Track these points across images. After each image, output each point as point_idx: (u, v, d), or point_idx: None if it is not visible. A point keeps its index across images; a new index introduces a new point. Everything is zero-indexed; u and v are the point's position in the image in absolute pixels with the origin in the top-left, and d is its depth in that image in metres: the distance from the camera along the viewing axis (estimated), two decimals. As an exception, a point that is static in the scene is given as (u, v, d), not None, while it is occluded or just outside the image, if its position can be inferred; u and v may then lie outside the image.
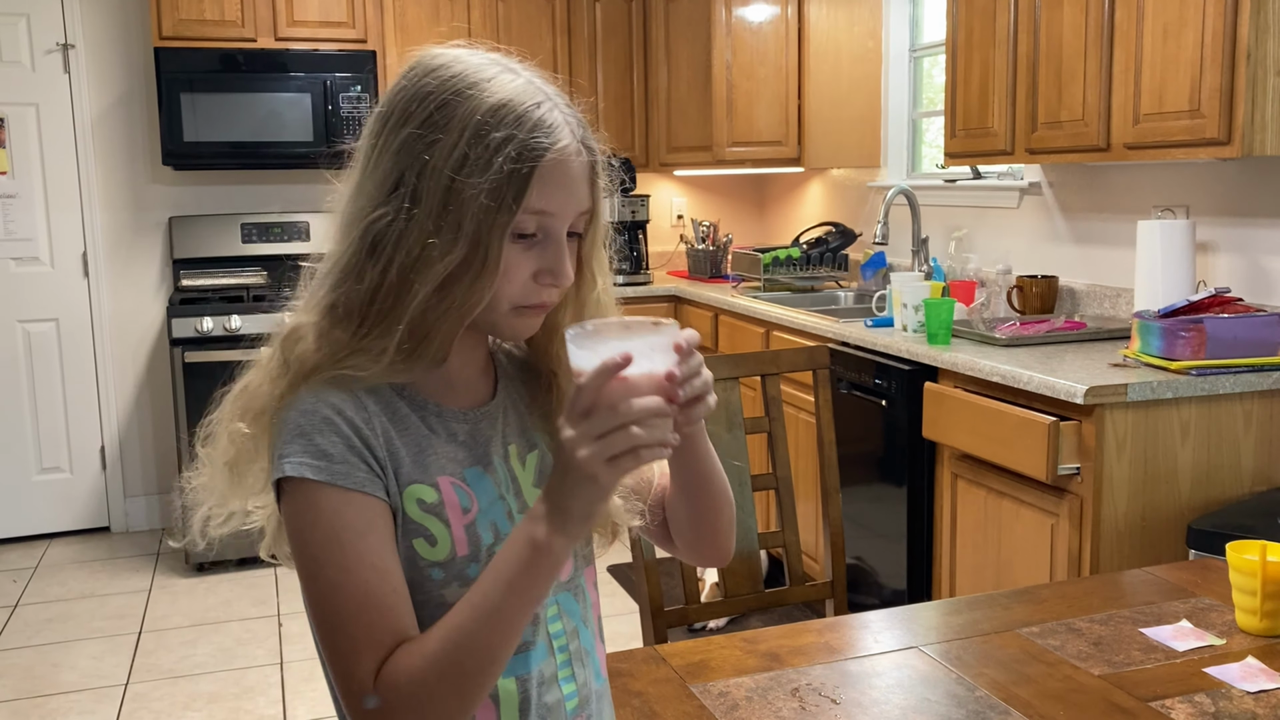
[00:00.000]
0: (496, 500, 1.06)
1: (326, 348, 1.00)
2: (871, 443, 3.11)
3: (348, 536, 0.96)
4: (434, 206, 0.97)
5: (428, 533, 1.00)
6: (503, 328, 1.05)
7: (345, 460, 0.97)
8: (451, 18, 4.60)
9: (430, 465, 1.02)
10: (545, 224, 1.00)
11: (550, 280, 1.02)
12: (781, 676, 1.38)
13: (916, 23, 4.27)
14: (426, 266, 0.97)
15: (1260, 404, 2.40)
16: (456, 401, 1.08)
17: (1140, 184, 3.07)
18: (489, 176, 0.96)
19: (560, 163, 0.99)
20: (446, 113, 0.98)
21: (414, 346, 1.00)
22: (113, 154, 4.58)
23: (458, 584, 1.01)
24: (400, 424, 1.02)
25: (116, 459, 4.70)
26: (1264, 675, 1.35)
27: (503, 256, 0.98)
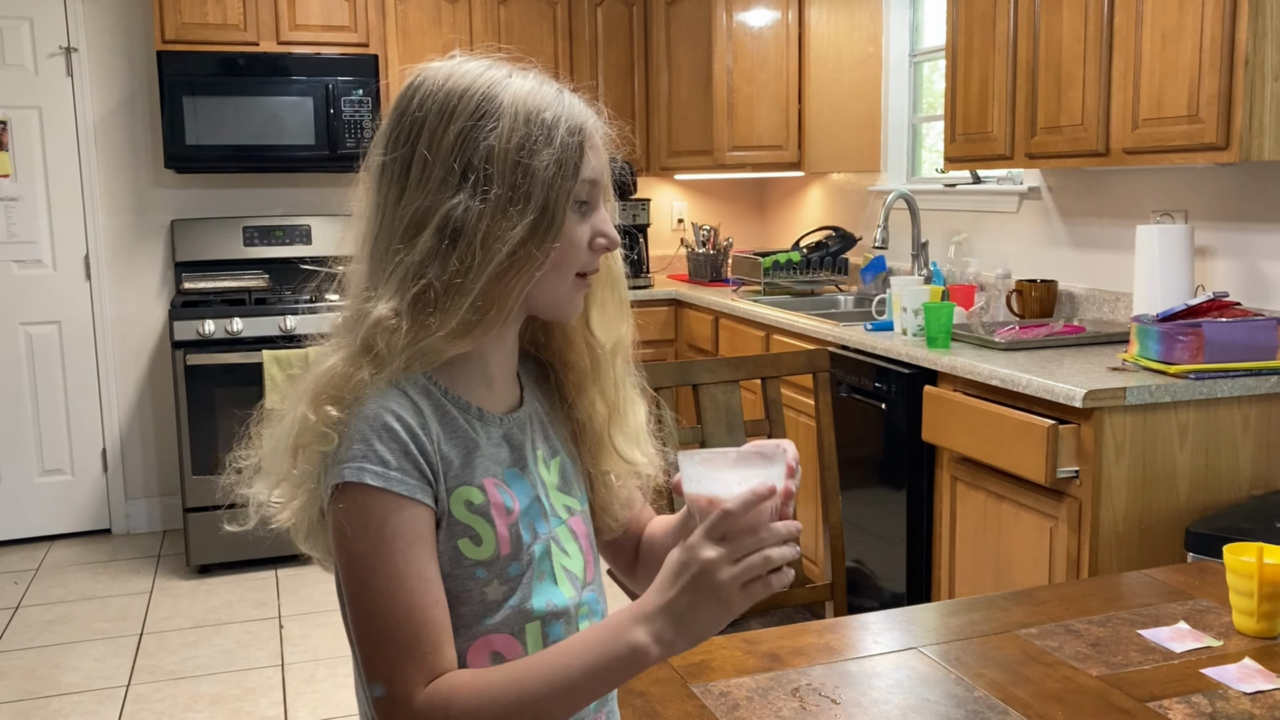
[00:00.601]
0: (534, 501, 1.11)
1: (414, 334, 1.04)
2: (871, 446, 3.13)
3: (398, 545, 0.99)
4: (506, 184, 1.04)
5: (474, 533, 1.05)
6: (568, 301, 1.11)
7: (401, 468, 1.01)
8: (453, 22, 4.62)
9: (476, 467, 1.07)
10: (593, 193, 1.10)
11: (605, 243, 1.10)
12: (782, 677, 1.39)
13: (916, 28, 4.29)
14: (501, 236, 1.03)
15: (1258, 408, 2.41)
16: (494, 405, 1.13)
17: (1139, 189, 3.09)
18: (554, 150, 1.04)
19: (595, 135, 1.09)
20: (492, 103, 1.05)
21: (486, 306, 1.04)
22: (115, 157, 4.60)
23: (499, 582, 1.06)
24: (450, 426, 1.07)
25: (118, 461, 4.71)
26: (1261, 676, 1.36)
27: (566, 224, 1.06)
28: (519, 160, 1.04)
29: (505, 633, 1.07)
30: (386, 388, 1.04)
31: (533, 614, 1.08)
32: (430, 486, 1.03)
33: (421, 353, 1.04)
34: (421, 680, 0.97)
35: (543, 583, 1.10)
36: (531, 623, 1.08)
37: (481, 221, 1.03)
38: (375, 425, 1.01)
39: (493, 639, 1.06)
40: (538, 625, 1.08)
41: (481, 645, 1.06)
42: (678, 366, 2.15)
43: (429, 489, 1.03)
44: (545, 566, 1.11)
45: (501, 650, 1.06)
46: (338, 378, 1.04)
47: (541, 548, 1.11)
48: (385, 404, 1.03)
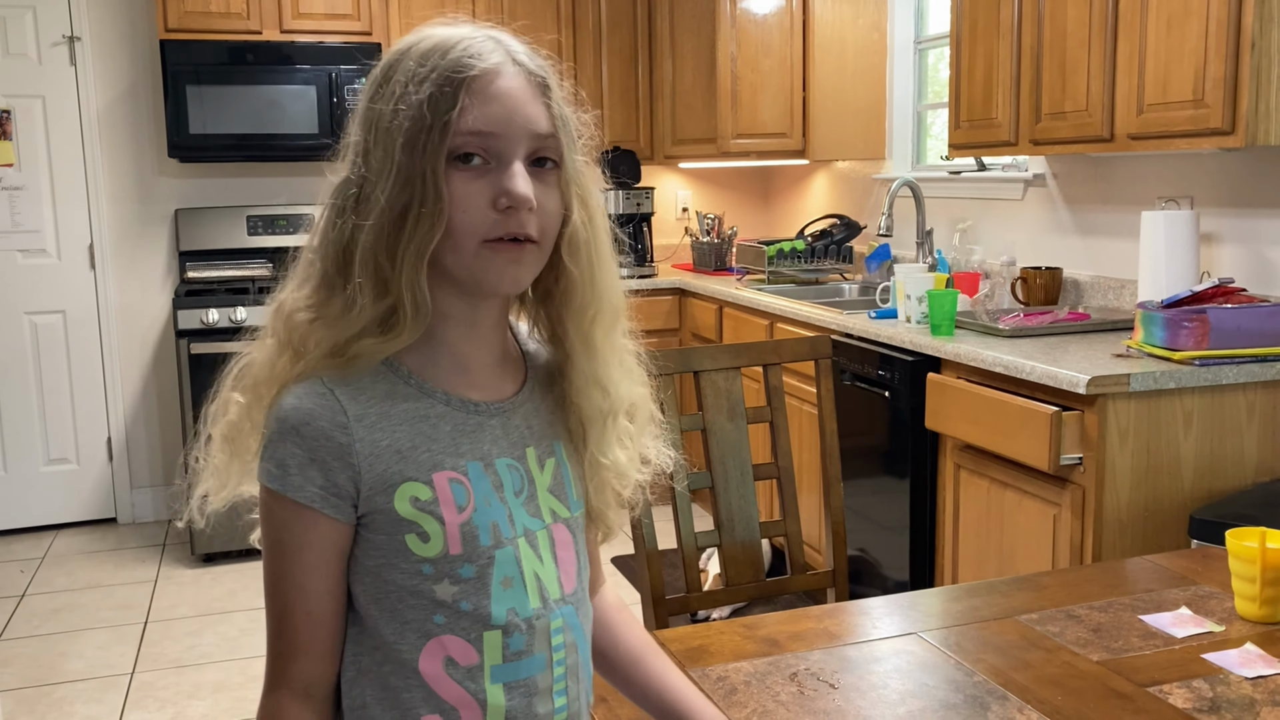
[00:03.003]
0: (496, 501, 1.04)
1: (322, 318, 1.01)
2: (875, 434, 3.12)
3: (285, 549, 1.00)
4: (377, 153, 0.98)
5: (420, 529, 1.00)
6: (483, 272, 1.00)
7: (302, 472, 0.97)
8: (456, 9, 4.60)
9: (426, 460, 1.01)
10: (490, 146, 0.98)
11: (506, 201, 0.97)
12: (780, 661, 1.38)
13: (921, 14, 4.26)
14: (375, 206, 0.97)
15: (1263, 394, 2.40)
16: (473, 391, 1.06)
17: (1144, 175, 3.07)
18: (413, 104, 0.96)
19: (490, 79, 0.98)
20: (391, 70, 1.00)
21: (390, 299, 0.98)
22: (119, 146, 4.59)
23: (449, 582, 1.01)
24: (397, 418, 1.01)
25: (123, 450, 4.71)
26: (1262, 661, 1.35)
27: (449, 185, 0.97)
28: (389, 123, 0.98)
29: (460, 637, 1.01)
30: (303, 381, 1.00)
31: (490, 621, 1.02)
32: (339, 493, 0.98)
33: (345, 352, 0.99)
34: (277, 682, 1.01)
35: (508, 590, 1.03)
36: (490, 631, 1.02)
37: (360, 195, 0.99)
38: (282, 425, 0.98)
39: (446, 641, 1.01)
40: (498, 635, 1.02)
41: (434, 648, 1.01)
42: (679, 353, 2.14)
43: (335, 496, 0.98)
44: (510, 571, 1.03)
45: (455, 656, 1.01)
46: (253, 367, 1.03)
47: (506, 551, 1.03)
48: (296, 402, 0.99)
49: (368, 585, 1.01)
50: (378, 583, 1.01)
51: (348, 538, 1.01)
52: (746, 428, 2.13)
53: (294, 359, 1.01)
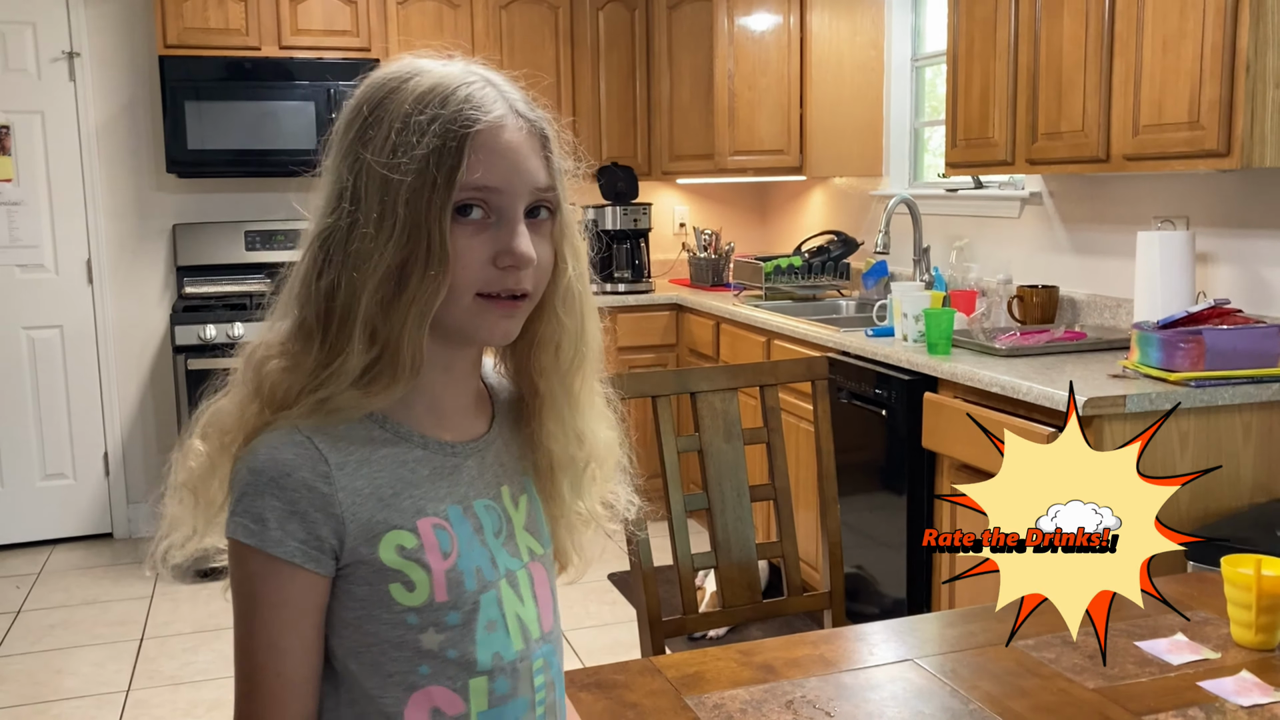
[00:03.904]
0: (477, 545, 1.02)
1: (297, 368, 0.97)
2: (872, 452, 3.12)
3: (260, 606, 0.96)
4: (372, 202, 0.94)
5: (406, 578, 0.97)
6: (474, 326, 0.99)
7: (281, 526, 0.94)
8: (455, 26, 4.62)
9: (409, 507, 0.99)
10: (493, 201, 0.96)
11: (509, 261, 0.96)
12: (776, 688, 1.38)
13: (919, 32, 4.28)
14: (367, 260, 0.94)
15: (1259, 416, 2.40)
16: (447, 433, 1.04)
17: (1140, 195, 3.08)
18: (416, 156, 0.93)
19: (494, 134, 0.96)
20: (380, 110, 0.96)
21: (383, 357, 0.96)
22: (117, 161, 4.60)
23: (434, 630, 0.98)
24: (377, 465, 0.98)
25: (120, 465, 4.71)
26: (1258, 689, 1.35)
27: (450, 240, 0.94)
28: (389, 169, 0.94)
29: (446, 686, 0.99)
30: (283, 431, 0.96)
31: (476, 668, 1.00)
32: (320, 546, 0.95)
33: (329, 404, 0.96)
34: None
35: (492, 633, 1.01)
36: (476, 678, 1.00)
37: (350, 244, 0.95)
38: (259, 477, 0.94)
39: (433, 692, 0.99)
40: (483, 681, 1.01)
41: (420, 700, 0.98)
42: (676, 374, 2.15)
43: (317, 550, 0.95)
44: (494, 614, 1.02)
45: (442, 707, 0.99)
46: (221, 415, 0.99)
47: (490, 595, 1.01)
48: (273, 452, 0.95)
49: (346, 639, 0.98)
50: (358, 635, 0.98)
51: (326, 592, 0.97)
52: (743, 449, 2.14)
53: (263, 408, 0.98)
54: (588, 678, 1.43)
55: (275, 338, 1.00)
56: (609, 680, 1.42)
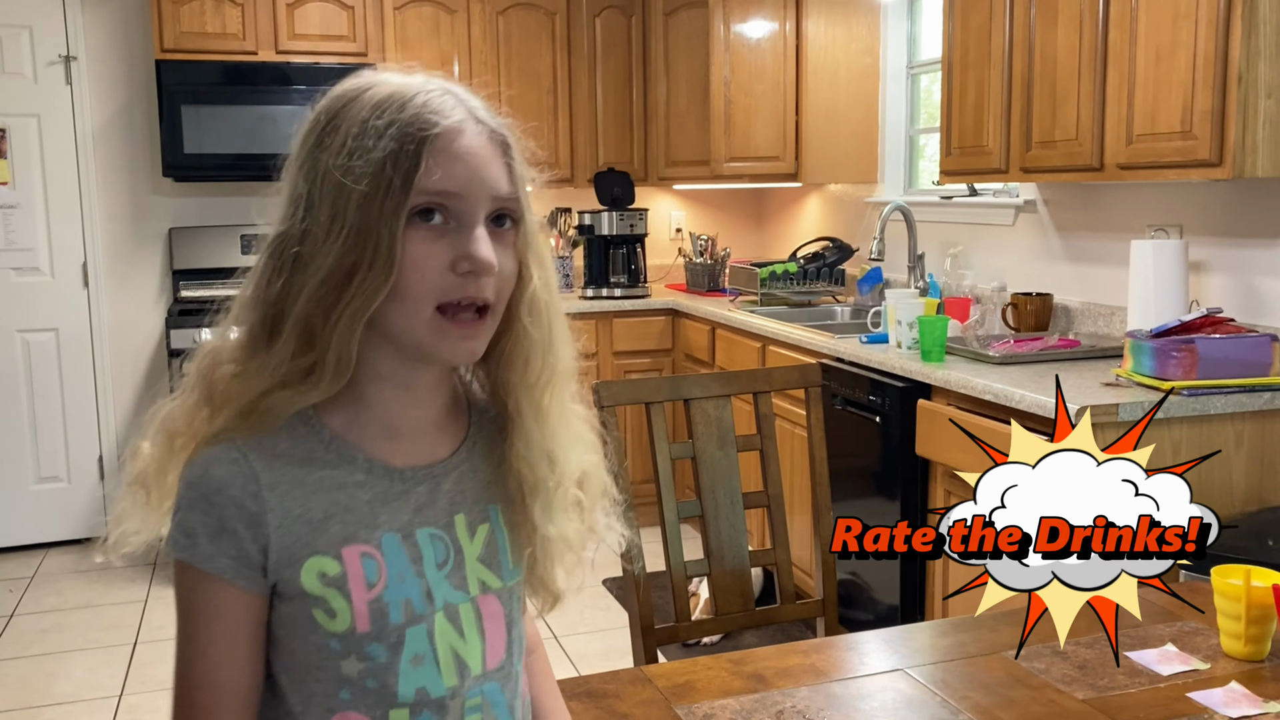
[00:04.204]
0: (411, 576, 0.99)
1: (247, 374, 0.97)
2: (866, 459, 3.12)
3: (195, 617, 0.96)
4: (324, 208, 0.94)
5: (327, 606, 0.96)
6: (435, 345, 0.96)
7: (213, 542, 0.94)
8: (452, 32, 4.62)
9: (337, 533, 0.97)
10: (452, 206, 0.94)
11: (469, 266, 0.94)
12: (767, 698, 1.39)
13: (914, 40, 4.29)
14: (317, 263, 0.93)
15: (1251, 424, 2.41)
16: (399, 456, 1.01)
17: (1134, 203, 3.09)
18: (372, 160, 0.92)
19: (453, 138, 0.94)
20: (338, 118, 0.96)
21: (314, 354, 0.94)
22: (113, 165, 4.60)
23: (356, 658, 0.97)
24: (311, 487, 0.97)
25: (114, 469, 4.70)
26: (1247, 700, 1.35)
27: (405, 245, 0.92)
28: (343, 174, 0.93)
29: (364, 715, 0.98)
30: (217, 443, 0.96)
31: (396, 700, 0.98)
32: (250, 563, 0.95)
33: (258, 405, 0.95)
34: None
35: (419, 668, 0.99)
36: (397, 709, 0.98)
37: (301, 250, 0.94)
38: (192, 492, 0.95)
39: (350, 718, 0.98)
40: (404, 713, 0.99)
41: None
42: (669, 381, 2.15)
43: (246, 566, 0.95)
44: (422, 649, 0.99)
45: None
46: (172, 417, 0.99)
47: (419, 629, 0.99)
48: (208, 466, 0.95)
49: (278, 653, 0.99)
50: (285, 652, 0.98)
51: (261, 608, 0.97)
52: (736, 456, 2.14)
53: (213, 414, 0.97)
54: (578, 687, 1.43)
55: (227, 344, 0.99)
56: (599, 689, 1.42)
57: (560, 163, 4.81)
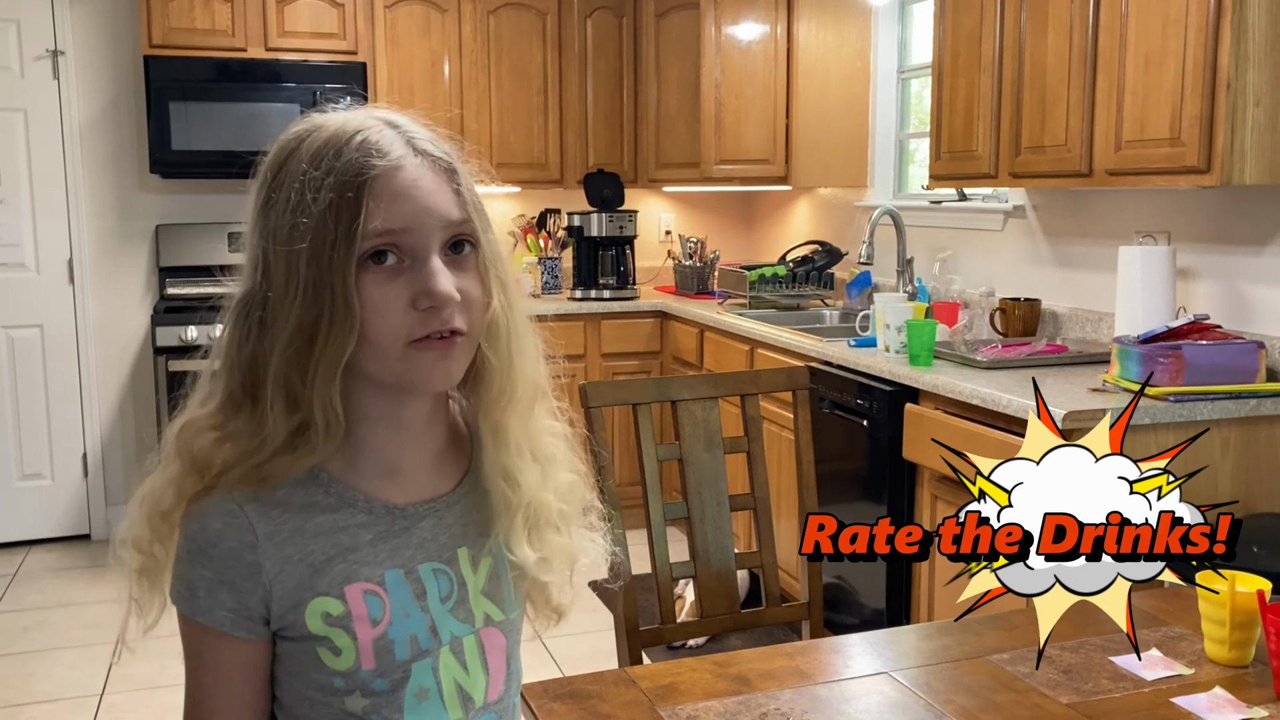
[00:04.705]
0: (416, 611, 1.00)
1: (229, 439, 0.97)
2: (853, 462, 3.12)
3: (196, 666, 0.99)
4: (279, 268, 0.93)
5: (332, 644, 0.97)
6: (410, 375, 0.96)
7: (211, 594, 0.96)
8: (442, 31, 4.61)
9: (339, 573, 0.97)
10: (403, 243, 0.94)
11: (428, 302, 0.93)
12: (751, 701, 1.38)
13: (905, 44, 4.30)
14: (274, 326, 0.93)
15: (1237, 431, 2.41)
16: (397, 494, 1.02)
17: (1122, 209, 3.09)
18: (314, 215, 0.91)
19: (392, 176, 0.93)
20: (281, 174, 0.95)
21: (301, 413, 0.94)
22: (100, 161, 4.57)
23: (360, 694, 0.98)
24: (311, 532, 0.97)
25: (99, 466, 4.68)
26: (1230, 706, 1.35)
27: (362, 291, 0.92)
28: (290, 235, 0.92)
29: None
30: (216, 499, 0.96)
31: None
32: (249, 614, 0.96)
33: (259, 472, 0.95)
34: None
35: (424, 702, 1.00)
36: None
37: (265, 311, 0.94)
38: (190, 546, 0.96)
39: None
40: None
41: None
42: (657, 383, 2.15)
43: (246, 618, 0.96)
44: (427, 683, 1.00)
45: None
46: (157, 496, 0.98)
47: (424, 664, 1.00)
48: (204, 520, 0.96)
49: (284, 690, 1.00)
50: (289, 690, 1.00)
51: (263, 655, 0.99)
52: (724, 458, 2.13)
53: (199, 480, 0.97)
54: (561, 688, 1.42)
55: (204, 412, 0.99)
56: (583, 691, 1.41)
57: (550, 163, 4.81)
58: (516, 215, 4.94)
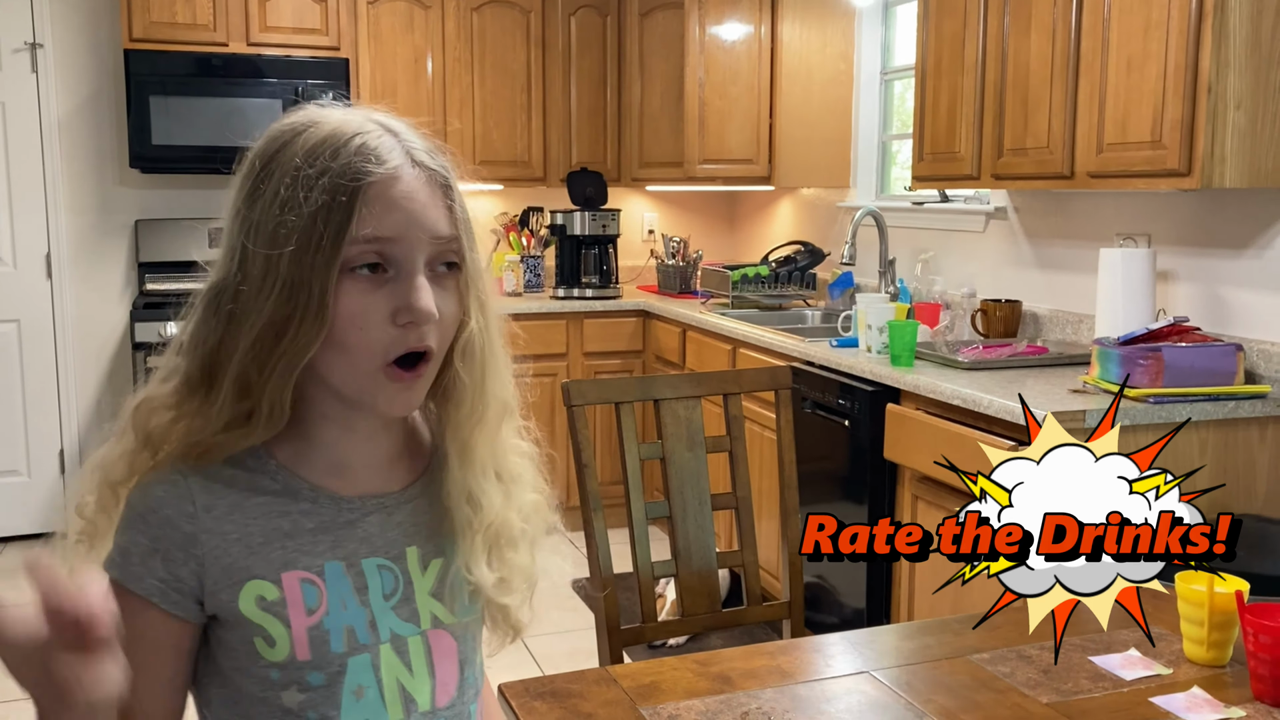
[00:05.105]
0: (355, 605, 0.98)
1: (183, 419, 0.96)
2: (834, 462, 3.13)
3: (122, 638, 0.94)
4: (257, 261, 0.92)
5: (265, 633, 0.95)
6: (371, 397, 0.95)
7: (143, 562, 0.94)
8: (425, 27, 4.59)
9: (277, 558, 0.96)
10: (389, 253, 0.93)
11: (409, 317, 0.92)
12: (732, 700, 1.38)
13: (888, 46, 4.31)
14: (244, 319, 0.93)
15: (1215, 432, 2.43)
16: (347, 487, 1.01)
17: (1103, 211, 3.11)
18: (303, 214, 0.91)
19: (389, 185, 0.93)
20: (271, 165, 0.94)
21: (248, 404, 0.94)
22: (79, 155, 4.54)
23: (296, 689, 0.96)
24: (251, 512, 0.96)
25: (75, 463, 4.64)
26: (1208, 706, 1.36)
27: (342, 297, 0.91)
28: (274, 231, 0.92)
29: None
30: (161, 470, 0.96)
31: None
32: (180, 587, 0.94)
33: (199, 446, 0.95)
34: None
35: (360, 700, 0.97)
36: None
37: (237, 301, 0.93)
38: (130, 511, 0.95)
39: None
40: None
41: None
42: (639, 381, 2.14)
43: (176, 591, 0.94)
44: (366, 680, 0.98)
45: None
46: (109, 465, 0.97)
47: (362, 659, 0.98)
48: (148, 488, 0.95)
49: (220, 686, 0.98)
50: (228, 686, 0.97)
51: (188, 637, 0.96)
52: (706, 457, 2.13)
53: (151, 456, 0.97)
54: (542, 687, 1.42)
55: (162, 391, 0.98)
56: (564, 689, 1.41)
57: (533, 161, 4.80)
58: (499, 213, 4.93)
